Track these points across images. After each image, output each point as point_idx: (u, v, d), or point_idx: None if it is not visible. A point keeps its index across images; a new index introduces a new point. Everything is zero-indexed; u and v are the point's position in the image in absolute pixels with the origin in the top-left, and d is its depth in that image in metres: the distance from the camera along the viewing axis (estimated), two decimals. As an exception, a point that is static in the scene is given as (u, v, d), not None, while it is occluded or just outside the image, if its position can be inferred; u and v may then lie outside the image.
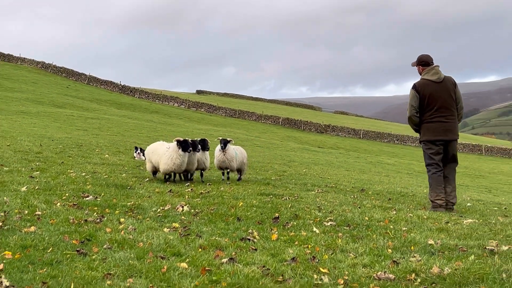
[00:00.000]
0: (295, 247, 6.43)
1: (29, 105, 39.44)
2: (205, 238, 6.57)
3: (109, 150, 18.48)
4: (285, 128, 64.21)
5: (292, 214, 8.59)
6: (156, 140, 27.19)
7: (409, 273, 5.56)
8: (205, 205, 8.84)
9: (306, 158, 29.72)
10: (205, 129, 44.50)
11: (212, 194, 10.20)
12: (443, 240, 7.29)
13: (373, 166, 31.90)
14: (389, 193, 13.97)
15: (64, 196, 8.91)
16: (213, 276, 5.09)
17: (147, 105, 63.68)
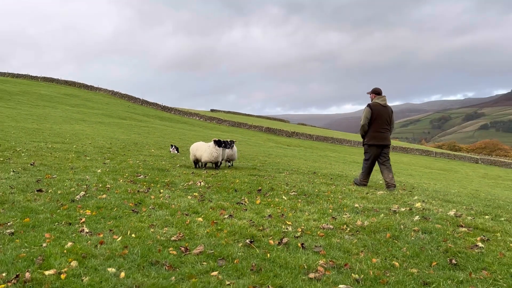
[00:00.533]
0: (271, 208, 6.41)
1: (103, 118, 39.12)
2: (214, 202, 6.54)
3: (154, 147, 18.34)
4: (266, 134, 64.09)
5: (270, 187, 8.56)
6: (187, 139, 27.33)
7: (342, 225, 5.57)
8: (215, 182, 8.80)
9: (279, 152, 29.65)
10: (215, 133, 44.33)
11: (219, 174, 10.15)
12: (364, 204, 7.29)
13: (321, 158, 31.88)
14: (331, 175, 13.95)
15: (125, 175, 8.84)
16: (218, 226, 5.07)
17: (179, 118, 63.28)
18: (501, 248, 4.89)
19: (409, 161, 48.99)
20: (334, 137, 70.22)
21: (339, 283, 3.51)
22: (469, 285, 3.63)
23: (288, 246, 4.49)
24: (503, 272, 4.03)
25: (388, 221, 5.87)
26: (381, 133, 9.69)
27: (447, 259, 4.35)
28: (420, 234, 5.27)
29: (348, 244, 4.72)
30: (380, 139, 9.71)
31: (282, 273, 3.67)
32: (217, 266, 3.79)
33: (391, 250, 4.60)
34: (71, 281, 3.31)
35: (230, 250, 4.19)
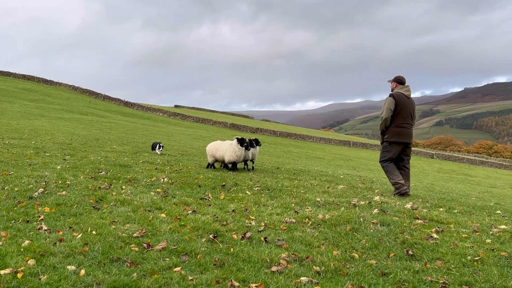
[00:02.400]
0: (234, 203, 6.39)
1: (64, 113, 37.91)
2: (178, 198, 6.45)
3: (116, 143, 17.92)
4: (231, 130, 63.99)
5: (234, 183, 8.54)
6: (150, 135, 26.90)
7: (304, 218, 5.62)
8: (178, 178, 8.68)
9: (244, 148, 29.72)
10: (179, 129, 43.87)
11: (183, 171, 10.04)
12: (326, 198, 7.39)
13: (285, 153, 32.16)
14: (294, 170, 14.08)
15: (86, 172, 8.58)
16: (182, 222, 5.01)
17: (142, 114, 62.18)
18: (454, 239, 5.07)
19: (368, 156, 50.11)
20: (297, 133, 70.90)
21: (301, 276, 3.54)
22: (424, 275, 3.73)
23: (251, 240, 4.49)
24: (455, 261, 4.18)
25: (348, 214, 5.97)
26: (405, 129, 8.33)
27: (404, 250, 4.47)
28: (378, 227, 5.39)
29: (310, 237, 4.77)
30: (404, 136, 8.35)
31: (245, 267, 3.66)
32: (180, 261, 3.74)
33: (351, 242, 4.68)
34: (28, 280, 3.18)
35: (193, 245, 4.14)
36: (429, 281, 3.60)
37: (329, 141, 69.82)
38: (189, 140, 29.88)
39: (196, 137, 35.17)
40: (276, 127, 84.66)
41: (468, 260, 4.23)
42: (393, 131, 8.26)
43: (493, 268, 4.04)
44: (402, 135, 8.28)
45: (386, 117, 8.23)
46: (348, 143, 70.94)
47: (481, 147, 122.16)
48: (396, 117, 8.22)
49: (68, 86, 77.32)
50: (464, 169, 51.67)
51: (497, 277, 3.78)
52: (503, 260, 4.33)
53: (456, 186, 20.94)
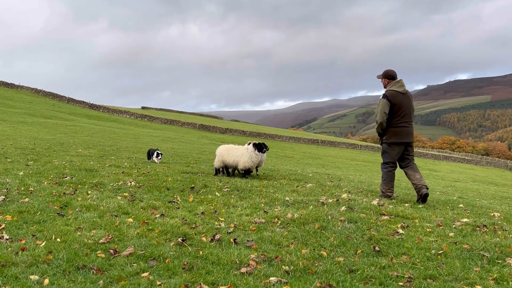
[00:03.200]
0: (204, 205, 6.35)
1: (26, 117, 36.74)
2: (145, 202, 6.35)
3: (82, 147, 17.50)
4: (200, 131, 63.59)
5: (203, 184, 8.49)
6: (117, 138, 26.38)
7: (273, 218, 5.64)
8: (146, 181, 8.56)
9: (214, 149, 29.48)
10: (147, 131, 43.27)
11: (151, 173, 9.89)
12: (295, 197, 7.44)
13: (254, 153, 32.26)
14: (264, 169, 14.13)
15: (50, 177, 8.33)
16: (149, 226, 4.94)
17: (108, 116, 60.96)
18: (419, 234, 5.20)
19: (336, 154, 50.88)
20: (266, 133, 71.20)
21: (270, 276, 3.55)
22: (390, 270, 3.81)
23: (220, 242, 4.47)
24: (420, 255, 4.28)
25: (316, 212, 6.04)
26: (404, 128, 7.75)
27: (371, 246, 4.54)
28: (346, 224, 5.47)
29: (279, 236, 4.79)
30: (404, 135, 7.78)
31: (214, 270, 3.64)
32: (147, 267, 3.68)
33: (319, 240, 4.72)
34: (-13, 293, 3.06)
35: (162, 249, 4.09)
36: (395, 276, 3.68)
37: (298, 140, 70.43)
38: (158, 142, 29.51)
39: (165, 138, 34.78)
40: (246, 127, 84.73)
41: (432, 254, 4.35)
42: (391, 131, 7.73)
43: (456, 260, 4.17)
44: (401, 134, 7.74)
45: (381, 121, 7.69)
46: (317, 141, 71.78)
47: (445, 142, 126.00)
48: (393, 117, 7.65)
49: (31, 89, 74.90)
50: (428, 165, 53.21)
51: (460, 270, 3.90)
52: (465, 252, 4.47)
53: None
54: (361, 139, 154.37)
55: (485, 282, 3.61)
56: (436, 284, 3.53)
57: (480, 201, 12.23)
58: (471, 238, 5.07)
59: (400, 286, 3.47)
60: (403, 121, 7.66)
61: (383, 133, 7.88)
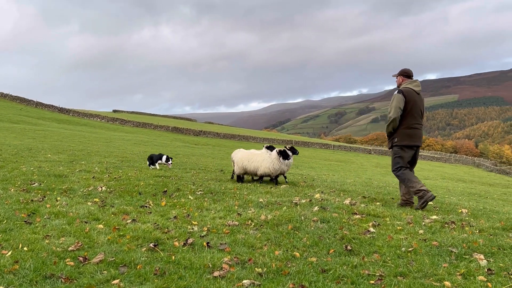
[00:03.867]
0: (176, 209, 6.29)
1: (-7, 123, 35.67)
2: (116, 207, 6.23)
3: (51, 152, 17.06)
4: (173, 133, 63.00)
5: (176, 188, 8.40)
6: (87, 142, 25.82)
7: (247, 220, 5.63)
8: (117, 186, 8.40)
9: (187, 152, 29.35)
10: (119, 135, 42.55)
11: (123, 178, 9.73)
12: (268, 199, 7.45)
13: (229, 155, 32.10)
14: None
15: (17, 184, 8.08)
16: (120, 232, 4.84)
17: (78, 120, 59.67)
18: (390, 232, 5.29)
19: (310, 154, 51.31)
20: (241, 135, 71.20)
21: (243, 279, 3.53)
22: (362, 269, 3.85)
23: (193, 246, 4.43)
24: (391, 253, 4.35)
25: (290, 213, 6.06)
26: (417, 130, 7.25)
27: (343, 245, 4.59)
28: (319, 224, 5.51)
29: (253, 239, 4.78)
30: (416, 138, 7.25)
31: (187, 274, 3.60)
32: (118, 273, 3.61)
33: (292, 241, 4.74)
34: (-51, 307, 2.94)
35: (133, 255, 4.01)
36: (367, 274, 3.72)
37: (272, 141, 70.69)
38: (129, 145, 29.08)
39: (137, 142, 34.29)
40: (220, 129, 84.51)
41: (403, 252, 4.42)
42: (404, 133, 7.15)
43: (425, 257, 4.26)
44: (414, 137, 7.19)
45: (395, 117, 7.10)
46: (291, 142, 72.23)
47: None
48: (406, 116, 7.11)
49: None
50: (399, 163, 54.10)
51: (429, 266, 3.99)
52: (434, 249, 4.57)
53: (393, 180, 21.84)
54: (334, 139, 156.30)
55: (453, 278, 3.69)
56: (406, 281, 3.59)
57: (449, 198, 12.55)
58: (440, 235, 5.19)
59: (372, 284, 3.52)
60: (415, 122, 7.17)
61: (393, 135, 7.28)
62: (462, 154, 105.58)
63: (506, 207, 12.01)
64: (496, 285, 3.54)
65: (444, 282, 3.56)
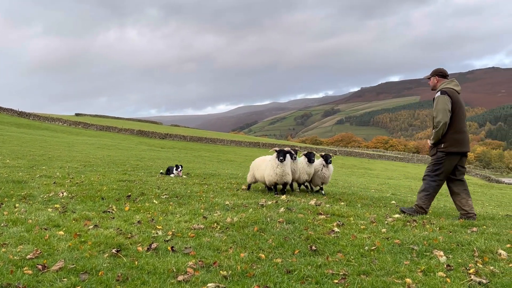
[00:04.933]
0: (140, 214, 6.18)
1: None
2: (78, 213, 6.06)
3: (10, 157, 16.42)
4: (138, 137, 61.96)
5: (140, 192, 8.26)
6: (49, 147, 25.02)
7: (213, 223, 5.60)
8: (79, 191, 8.18)
9: (153, 155, 28.90)
10: (82, 139, 41.47)
11: (85, 183, 9.47)
12: (235, 201, 7.44)
13: (196, 158, 31.90)
14: (205, 174, 14.04)
15: (-29, 191, 7.74)
16: (82, 238, 4.71)
17: (39, 124, 57.69)
18: (354, 231, 5.38)
19: (277, 156, 51.64)
20: (208, 137, 70.82)
21: (208, 282, 3.51)
22: (326, 268, 3.90)
23: (157, 251, 4.36)
24: (354, 252, 4.43)
25: (256, 215, 6.07)
26: (465, 134, 6.51)
27: (308, 246, 4.63)
28: (284, 225, 5.54)
29: (218, 241, 4.76)
30: (466, 144, 6.50)
31: (150, 280, 3.54)
32: (79, 281, 3.51)
33: (258, 243, 4.75)
34: None
35: (95, 262, 3.91)
36: (331, 274, 3.77)
37: (240, 144, 70.69)
38: (93, 149, 28.40)
39: (100, 146, 33.52)
40: (186, 132, 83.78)
41: (366, 250, 4.51)
42: (453, 138, 6.37)
43: (388, 255, 4.35)
44: (463, 142, 6.44)
45: (445, 121, 6.31)
46: (258, 144, 72.43)
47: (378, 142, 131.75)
48: (454, 119, 6.36)
49: (-50, 98, 69.49)
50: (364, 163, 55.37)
51: (391, 264, 4.08)
52: (396, 247, 4.68)
53: (357, 180, 22.28)
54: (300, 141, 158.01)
55: (414, 275, 3.79)
56: (369, 279, 3.66)
57: (412, 197, 12.88)
58: (402, 233, 5.32)
59: (335, 283, 3.57)
60: (463, 125, 6.45)
61: (440, 140, 6.48)
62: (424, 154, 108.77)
63: (465, 205, 12.46)
64: (455, 281, 3.66)
65: (405, 279, 3.64)
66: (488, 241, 4.98)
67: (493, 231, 5.64)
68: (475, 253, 4.49)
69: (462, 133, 6.42)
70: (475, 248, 4.65)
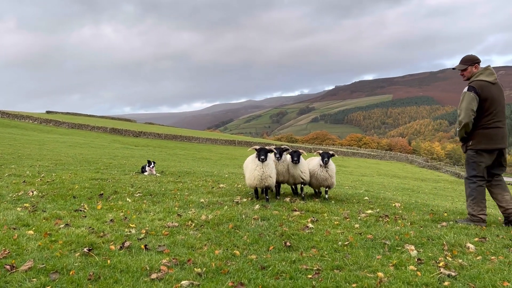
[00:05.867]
0: (113, 212, 6.08)
1: None
2: (49, 212, 5.91)
3: (-23, 156, 15.95)
4: (111, 135, 60.94)
5: (113, 191, 8.13)
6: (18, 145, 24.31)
7: (187, 221, 5.57)
8: (50, 190, 7.98)
9: (126, 153, 28.50)
10: (53, 137, 40.49)
11: (56, 181, 9.25)
12: (210, 199, 7.42)
13: (170, 156, 31.63)
14: (180, 172, 13.93)
15: None
16: (52, 238, 4.60)
17: (8, 122, 55.99)
18: (327, 227, 5.44)
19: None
20: (183, 135, 70.23)
21: (181, 280, 3.48)
22: (300, 264, 3.93)
23: (130, 249, 4.30)
24: (328, 247, 4.48)
25: (231, 212, 6.07)
26: (499, 129, 5.92)
27: (282, 242, 4.66)
28: (259, 222, 5.56)
29: (193, 239, 4.73)
30: (499, 139, 5.94)
31: (123, 278, 3.49)
32: (49, 280, 3.43)
33: (233, 240, 4.74)
34: None
35: (65, 261, 3.83)
36: (305, 269, 3.80)
37: (215, 141, 70.44)
38: (64, 148, 27.80)
39: (72, 144, 32.85)
40: (161, 129, 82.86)
41: (339, 246, 4.57)
42: (481, 134, 5.91)
43: (360, 250, 4.42)
44: (495, 138, 5.91)
45: (467, 121, 5.86)
46: (234, 142, 72.34)
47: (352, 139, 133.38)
48: (484, 115, 5.88)
49: None
50: (338, 161, 55.96)
51: (364, 258, 4.14)
52: (369, 242, 4.75)
53: (332, 177, 22.47)
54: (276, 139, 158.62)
55: (385, 269, 3.86)
56: (342, 274, 3.70)
57: (384, 193, 13.13)
58: (374, 228, 5.41)
59: (309, 278, 3.59)
60: (496, 120, 5.88)
61: (468, 137, 6.04)
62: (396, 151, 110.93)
63: (436, 201, 12.77)
64: (425, 274, 3.74)
65: (377, 273, 3.71)
66: (457, 235, 5.12)
67: (462, 225, 5.80)
68: (444, 247, 4.61)
69: (493, 129, 5.87)
70: (445, 242, 4.77)
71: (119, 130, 65.41)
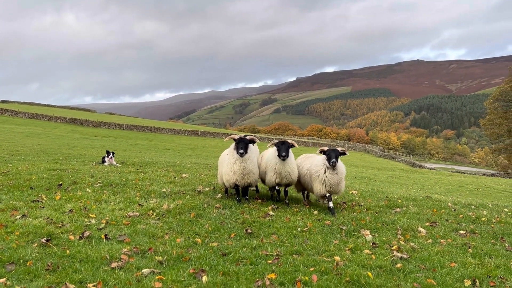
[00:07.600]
0: (72, 203, 5.93)
1: None
2: (4, 203, 5.69)
3: None
4: (70, 125, 59.08)
5: (72, 181, 7.91)
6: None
7: (148, 210, 5.51)
8: (6, 181, 7.67)
9: (86, 144, 27.72)
10: (9, 127, 38.80)
11: (12, 172, 8.90)
12: (172, 188, 7.36)
13: (132, 147, 31.03)
14: (141, 163, 13.71)
15: None
16: (8, 229, 4.45)
17: (-39, 112, 53.37)
18: (288, 214, 5.53)
19: (216, 144, 51.43)
20: (145, 126, 68.96)
21: (142, 268, 3.46)
22: (261, 250, 3.99)
23: (90, 239, 4.22)
24: (288, 234, 4.56)
25: (193, 201, 6.05)
26: None
27: (243, 229, 4.70)
28: (221, 210, 5.57)
29: (154, 228, 4.69)
30: None
31: (83, 268, 3.43)
32: (5, 272, 3.32)
33: (195, 228, 4.74)
34: None
35: (22, 252, 3.71)
36: (265, 255, 3.86)
37: (178, 132, 69.59)
38: (21, 138, 26.73)
39: (29, 134, 31.63)
40: (122, 120, 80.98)
41: (298, 232, 4.66)
42: None
43: (319, 236, 4.53)
44: None
45: None
46: (197, 133, 71.75)
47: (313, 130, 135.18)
48: None
49: None
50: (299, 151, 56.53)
51: (321, 243, 4.25)
52: (327, 228, 4.87)
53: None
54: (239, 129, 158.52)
55: (342, 253, 3.98)
56: (301, 258, 3.79)
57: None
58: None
59: (269, 264, 3.65)
60: None
61: None
62: (355, 141, 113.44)
63: (391, 188, 13.20)
64: (379, 257, 3.88)
65: (334, 257, 3.81)
66: (410, 220, 5.33)
67: (414, 211, 6.04)
68: (398, 231, 4.79)
69: None
70: (398, 226, 4.96)
71: (78, 120, 63.47)
